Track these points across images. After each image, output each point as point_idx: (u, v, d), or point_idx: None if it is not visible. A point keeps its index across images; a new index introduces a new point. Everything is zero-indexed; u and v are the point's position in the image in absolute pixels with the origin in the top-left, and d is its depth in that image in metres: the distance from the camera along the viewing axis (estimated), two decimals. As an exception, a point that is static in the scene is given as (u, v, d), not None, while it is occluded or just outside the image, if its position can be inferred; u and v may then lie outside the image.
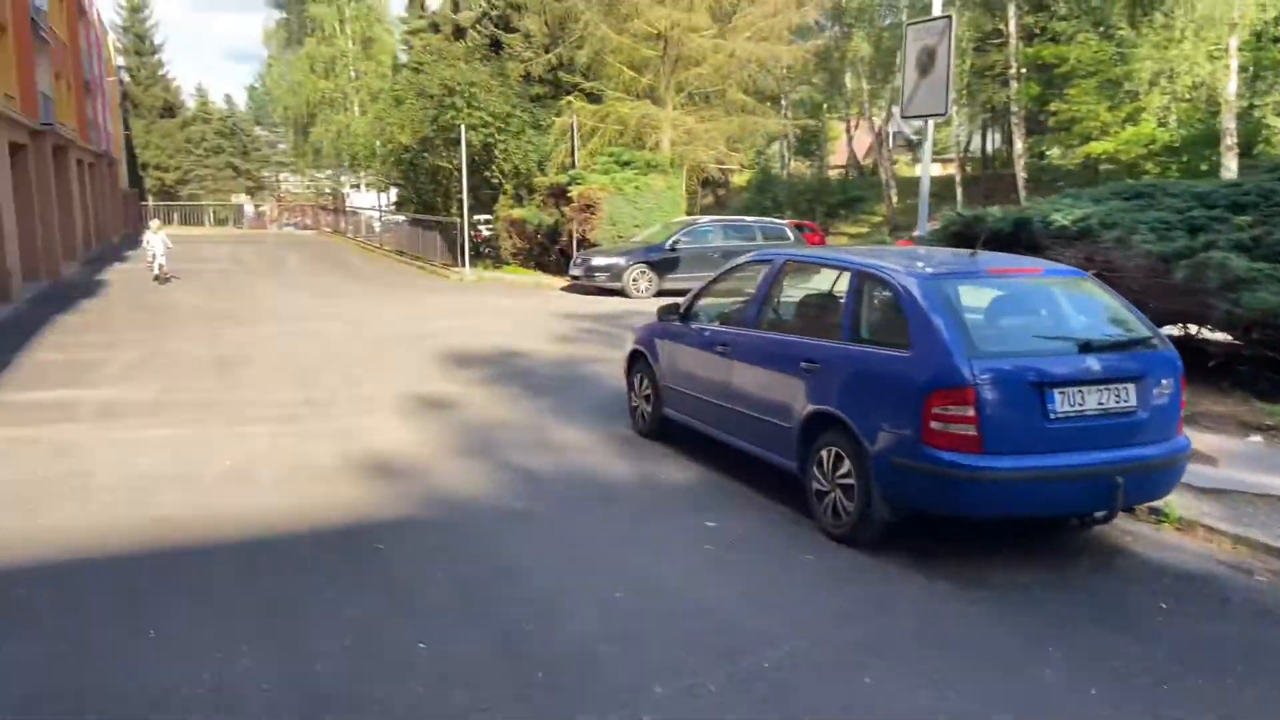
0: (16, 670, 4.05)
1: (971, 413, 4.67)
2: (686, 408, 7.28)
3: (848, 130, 49.98)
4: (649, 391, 7.92)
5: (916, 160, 62.00)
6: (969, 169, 47.62)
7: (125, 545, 5.49)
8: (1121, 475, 4.77)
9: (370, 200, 61.85)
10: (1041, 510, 5.05)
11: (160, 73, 77.70)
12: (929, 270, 5.40)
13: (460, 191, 35.34)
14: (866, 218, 43.80)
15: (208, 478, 6.81)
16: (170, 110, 78.92)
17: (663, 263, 20.18)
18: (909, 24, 11.31)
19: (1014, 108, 34.33)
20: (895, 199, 42.63)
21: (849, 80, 43.33)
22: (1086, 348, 5.04)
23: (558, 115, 25.95)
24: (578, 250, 22.67)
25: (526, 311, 17.23)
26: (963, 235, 11.21)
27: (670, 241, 20.32)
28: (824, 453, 5.54)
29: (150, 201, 59.37)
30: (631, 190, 22.13)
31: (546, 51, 29.87)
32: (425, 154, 31.38)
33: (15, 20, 21.42)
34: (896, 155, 55.93)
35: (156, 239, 21.16)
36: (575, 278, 20.87)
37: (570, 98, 26.14)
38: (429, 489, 6.59)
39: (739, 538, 5.61)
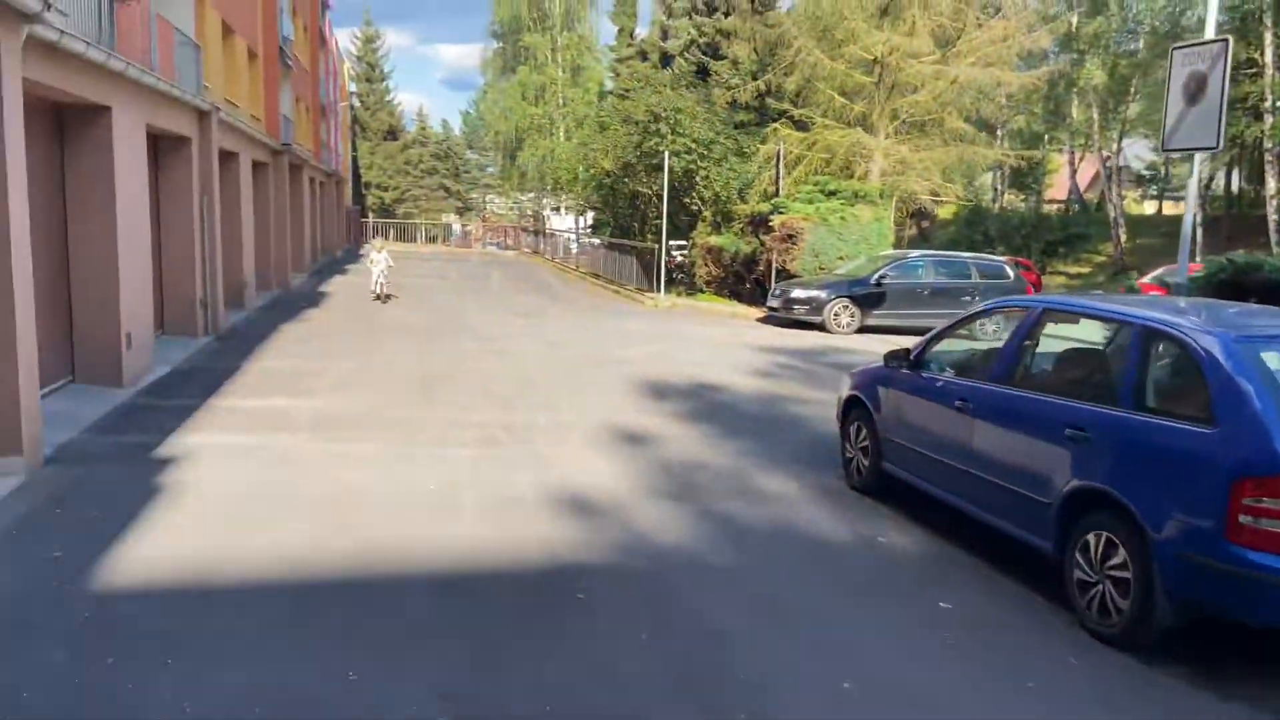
0: (219, 701, 3.91)
1: (1296, 506, 3.79)
2: (910, 464, 6.59)
3: (1070, 163, 46.90)
4: (866, 442, 7.26)
5: (1146, 197, 57.59)
6: (1208, 209, 43.61)
7: (327, 570, 5.39)
8: None
9: (568, 222, 63.90)
10: None
11: (387, 99, 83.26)
12: (1235, 330, 4.51)
13: (657, 217, 35.71)
14: (1089, 257, 40.77)
15: (411, 500, 6.72)
16: (393, 134, 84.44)
17: (867, 298, 19.28)
18: (1176, 48, 10.09)
19: (1268, 144, 31.00)
20: (1124, 238, 39.50)
21: (1075, 110, 40.65)
22: None
23: (762, 142, 25.50)
24: (776, 281, 22.11)
25: (721, 341, 16.81)
26: (1231, 285, 9.91)
27: (876, 275, 19.40)
28: (1090, 537, 4.74)
29: (370, 218, 63.55)
30: (837, 221, 21.34)
31: (754, 79, 29.55)
32: (626, 179, 31.77)
33: (265, 48, 23.20)
34: (1124, 191, 52.11)
35: (380, 257, 20.87)
36: (773, 309, 20.28)
37: (777, 125, 25.65)
38: (629, 533, 6.21)
39: (983, 627, 4.88)
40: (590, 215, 62.14)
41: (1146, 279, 29.72)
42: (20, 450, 6.70)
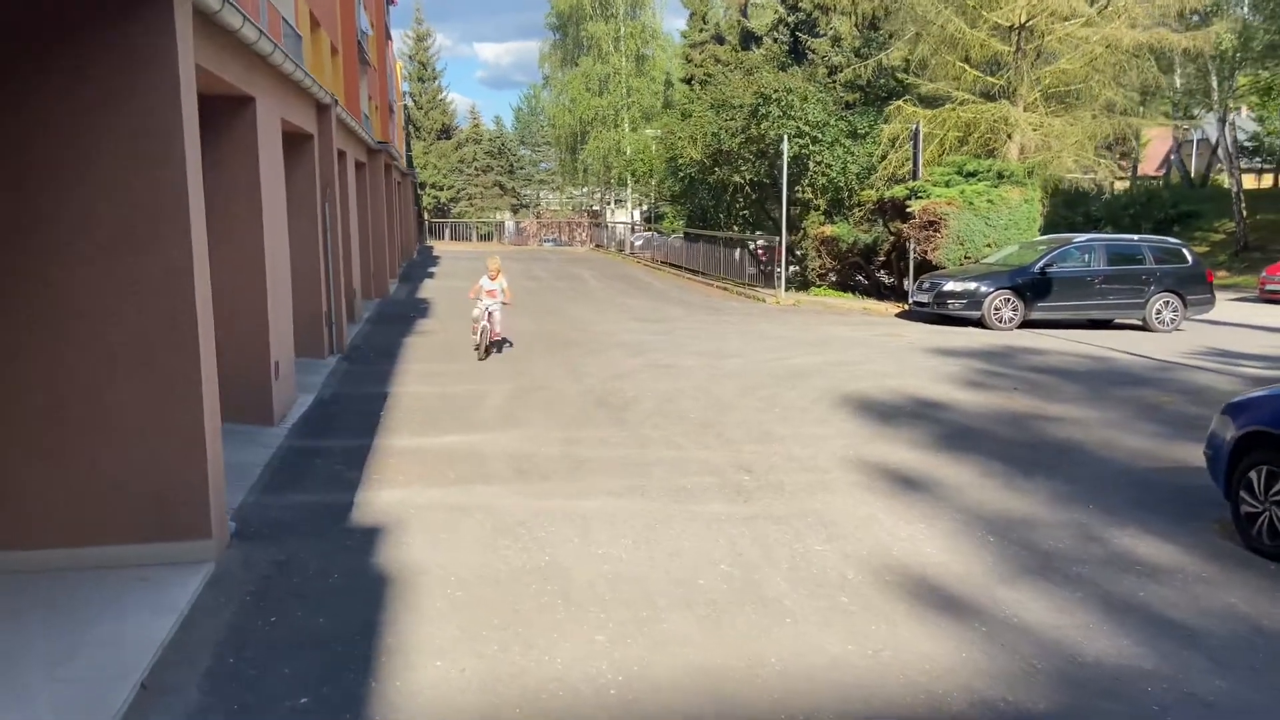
0: None
1: None
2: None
3: (1174, 135, 44.17)
4: (1292, 496, 5.47)
5: (1249, 170, 54.38)
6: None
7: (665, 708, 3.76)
8: None
9: (625, 217, 62.25)
10: None
11: (439, 97, 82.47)
12: None
13: (744, 207, 33.90)
14: (1203, 235, 38.16)
15: (709, 589, 5.07)
16: (446, 132, 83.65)
17: (1031, 288, 17.32)
18: None
19: None
20: (1245, 213, 36.81)
21: (1178, 78, 38.01)
22: None
23: (885, 122, 23.52)
24: (909, 272, 20.21)
25: (885, 345, 15.00)
26: None
27: (1040, 264, 17.43)
28: None
29: (426, 218, 62.58)
30: (983, 204, 19.37)
31: (857, 55, 27.54)
32: (716, 168, 30.00)
33: (345, 43, 21.81)
34: (1221, 165, 49.07)
35: (495, 287, 12.71)
36: (919, 304, 18.39)
37: (900, 102, 23.64)
38: (1035, 643, 4.49)
39: None
40: (643, 208, 60.54)
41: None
42: (209, 531, 5.17)
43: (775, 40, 32.44)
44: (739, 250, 27.28)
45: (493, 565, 5.41)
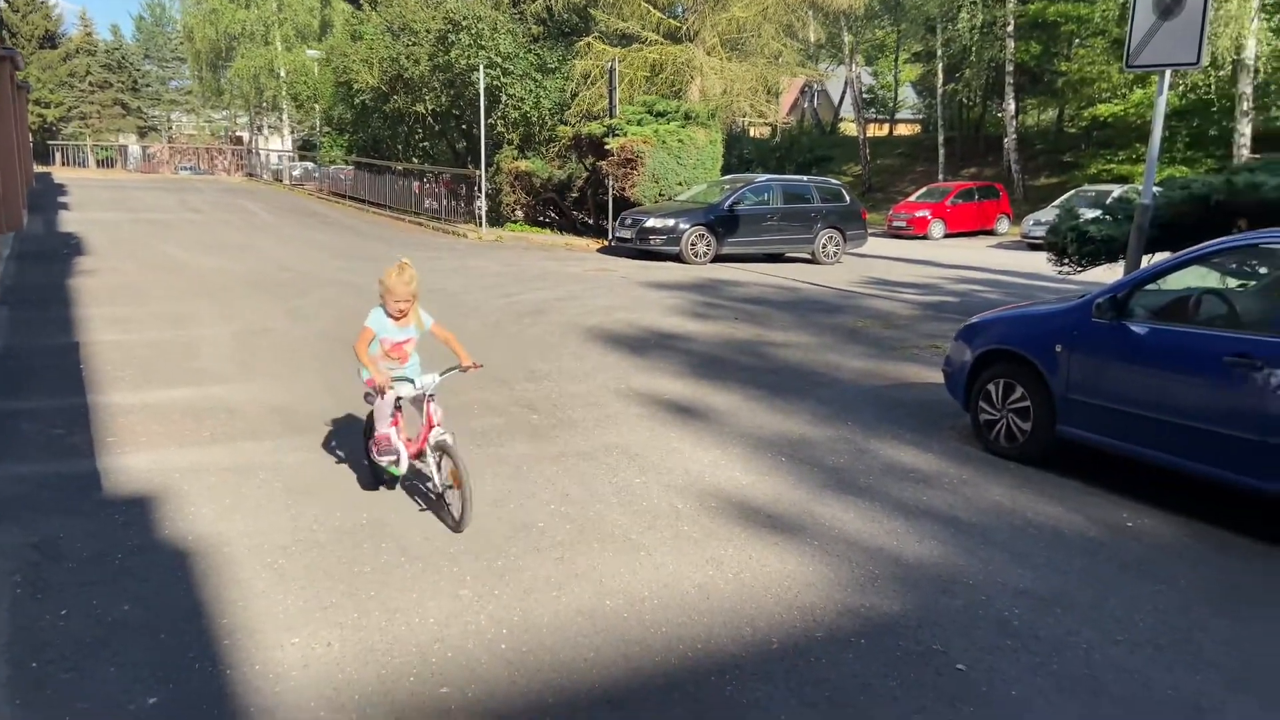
0: None
1: None
2: (1127, 431, 5.69)
3: (807, 85, 48.70)
4: (1025, 404, 6.34)
5: (870, 120, 61.38)
6: (930, 129, 47.04)
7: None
8: None
9: (278, 144, 57.58)
10: None
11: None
12: None
13: (424, 139, 32.72)
14: (836, 177, 42.71)
15: (550, 532, 4.92)
16: (51, 40, 72.26)
17: (722, 225, 18.48)
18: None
19: (1009, 67, 33.52)
20: (870, 158, 41.65)
21: (811, 31, 41.90)
22: None
23: (576, 58, 23.60)
24: (612, 209, 20.72)
25: (601, 280, 15.33)
26: (1204, 202, 9.92)
27: (729, 202, 18.60)
28: None
29: (30, 140, 53.95)
30: (675, 144, 20.23)
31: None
32: (395, 95, 28.60)
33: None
34: (845, 114, 55.10)
35: (410, 334, 5.11)
36: (622, 240, 18.96)
37: (590, 39, 23.81)
38: (866, 553, 4.89)
39: None
40: (294, 135, 56.37)
41: (914, 197, 31.49)
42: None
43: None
44: (424, 183, 26.36)
45: (306, 528, 4.87)
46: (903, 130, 54.49)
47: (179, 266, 14.65)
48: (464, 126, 28.82)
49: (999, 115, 38.42)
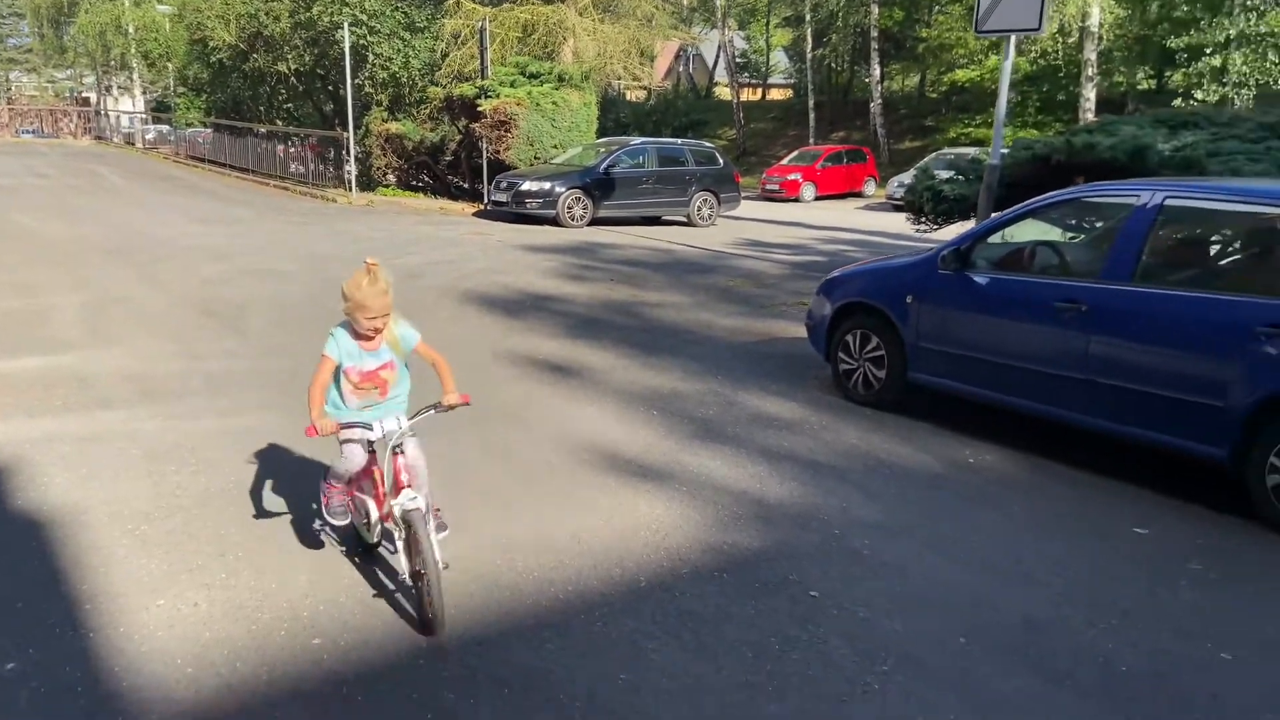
0: None
1: None
2: (967, 374, 6.11)
3: (681, 49, 48.91)
4: (880, 352, 6.69)
5: (744, 85, 62.04)
6: (801, 94, 47.96)
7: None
8: None
9: (129, 105, 54.28)
10: None
11: None
12: None
13: (287, 100, 31.50)
14: (711, 141, 43.22)
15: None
16: None
17: (598, 188, 18.54)
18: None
19: (874, 32, 34.46)
20: (744, 121, 42.23)
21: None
22: None
23: (445, 17, 23.08)
24: (487, 172, 20.47)
25: (479, 243, 15.22)
26: (1045, 161, 10.57)
27: (604, 165, 18.66)
28: (1300, 438, 4.61)
29: None
30: (550, 106, 20.11)
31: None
32: (255, 54, 27.42)
33: None
34: (720, 79, 55.57)
35: (388, 359, 3.84)
36: (499, 203, 18.80)
37: (459, -2, 23.35)
38: (733, 497, 5.12)
39: (1215, 554, 4.57)
40: (146, 95, 53.30)
41: (786, 160, 32.19)
42: None
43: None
44: (289, 146, 25.45)
45: (168, 495, 4.78)
46: (775, 95, 55.37)
47: (26, 233, 13.83)
48: (330, 87, 27.91)
49: (866, 80, 39.51)
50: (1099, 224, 6.28)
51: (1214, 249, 5.63)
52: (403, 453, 3.64)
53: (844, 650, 3.56)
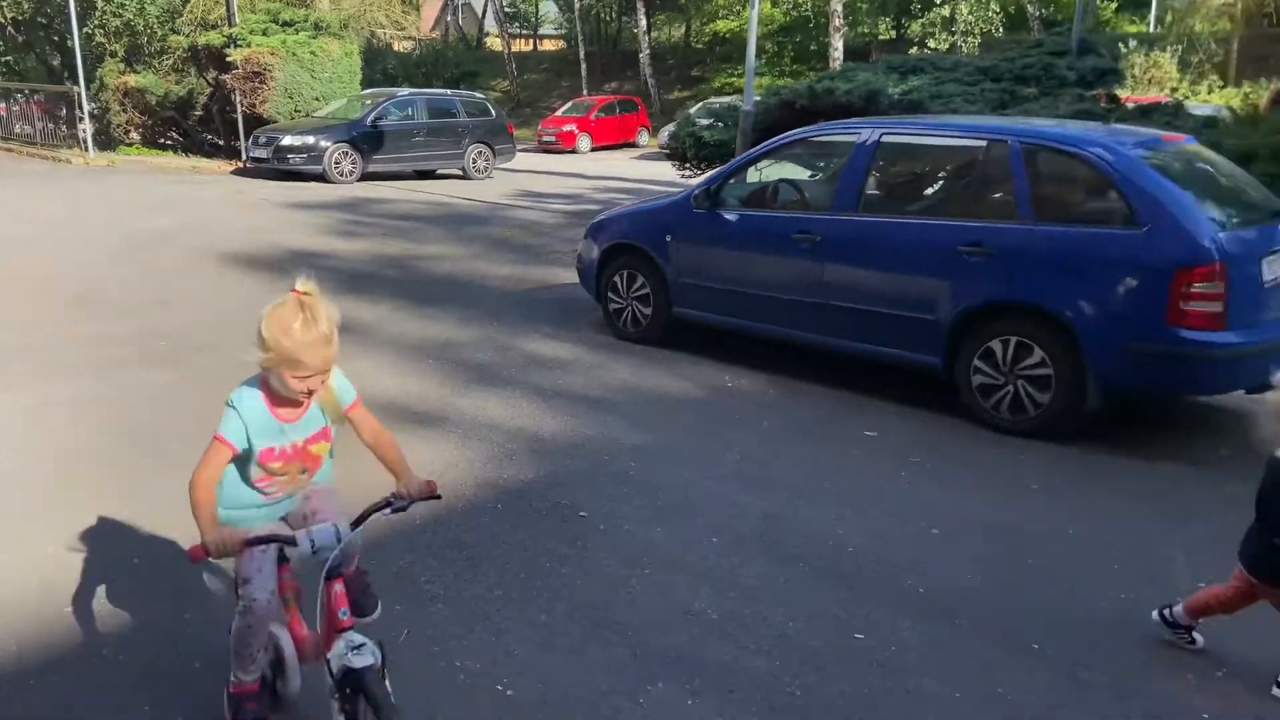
0: None
1: (1221, 289, 4.70)
2: (723, 306, 6.56)
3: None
4: (645, 290, 7.03)
5: (515, 36, 61.11)
6: (572, 44, 47.97)
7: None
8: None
9: None
10: (1252, 382, 5.14)
11: None
12: (1122, 143, 5.23)
13: (5, 54, 28.26)
14: (484, 93, 42.52)
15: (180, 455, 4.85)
16: None
17: (366, 142, 17.96)
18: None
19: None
20: (516, 73, 41.81)
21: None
22: (1267, 215, 5.27)
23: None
24: (243, 127, 19.30)
25: (240, 202, 14.48)
26: (791, 106, 11.33)
27: (372, 117, 18.08)
28: (996, 344, 5.30)
29: None
30: (307, 56, 19.18)
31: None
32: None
33: None
34: (490, 29, 54.57)
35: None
36: (259, 160, 17.83)
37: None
38: (508, 435, 5.30)
39: (930, 448, 5.20)
40: None
41: (560, 112, 32.30)
42: None
43: None
44: (12, 104, 22.95)
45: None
46: (548, 46, 55.04)
47: None
48: (55, 38, 25.25)
49: (634, 31, 40.02)
50: (834, 162, 6.86)
51: (925, 179, 6.30)
52: (338, 579, 2.39)
53: (609, 560, 3.85)
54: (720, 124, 12.64)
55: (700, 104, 26.65)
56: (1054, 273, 5.11)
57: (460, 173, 19.57)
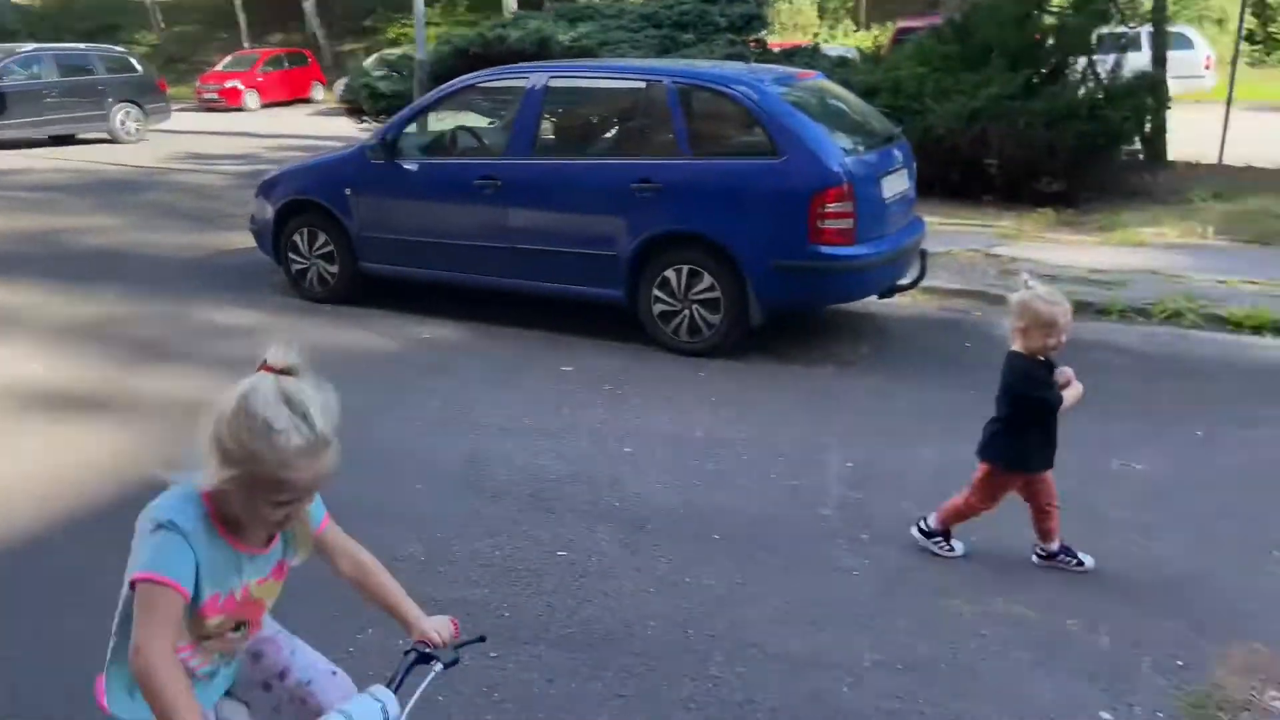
0: None
1: (850, 207, 5.34)
2: (410, 257, 6.48)
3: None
4: (329, 248, 6.79)
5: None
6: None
7: None
8: (923, 246, 6.01)
9: None
10: (880, 287, 5.93)
11: None
12: (762, 80, 5.71)
13: None
14: (130, 46, 38.18)
15: None
16: None
17: (-16, 105, 15.65)
18: None
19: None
20: (164, 24, 37.89)
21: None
22: (884, 140, 6.01)
23: None
24: None
25: None
26: (465, 54, 11.31)
27: (-12, 77, 15.75)
28: (670, 273, 5.69)
29: None
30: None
31: None
32: None
33: None
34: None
35: None
36: None
37: None
38: (179, 411, 4.98)
39: (622, 376, 5.50)
40: None
41: (220, 66, 29.79)
42: None
43: None
44: None
45: None
46: (197, -6, 50.19)
47: None
48: None
49: (296, -22, 37.48)
50: (510, 108, 6.96)
51: (594, 121, 6.57)
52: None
53: (311, 521, 3.78)
54: (396, 74, 12.30)
55: (375, 55, 25.60)
56: (713, 203, 5.56)
57: (108, 136, 17.59)
